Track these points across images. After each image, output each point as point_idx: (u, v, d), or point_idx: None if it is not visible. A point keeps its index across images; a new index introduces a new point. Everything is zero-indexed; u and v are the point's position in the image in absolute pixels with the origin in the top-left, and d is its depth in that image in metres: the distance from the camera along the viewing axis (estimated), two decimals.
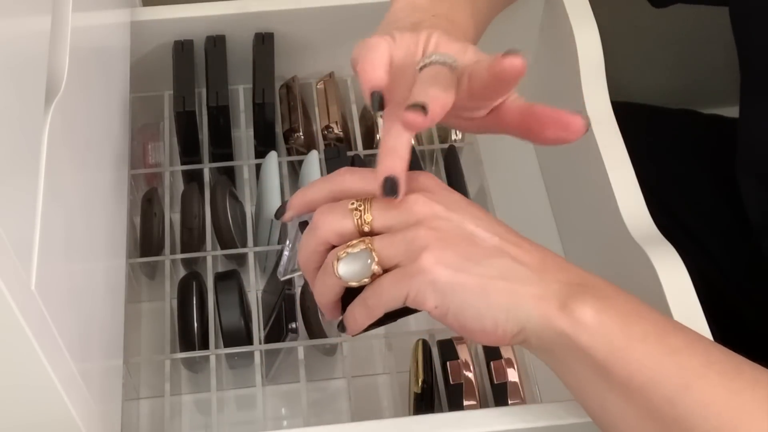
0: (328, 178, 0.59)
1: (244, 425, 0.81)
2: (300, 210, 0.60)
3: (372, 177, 0.57)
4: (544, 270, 0.55)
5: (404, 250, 0.55)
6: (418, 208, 0.56)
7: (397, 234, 0.55)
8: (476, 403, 0.73)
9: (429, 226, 0.55)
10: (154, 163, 0.89)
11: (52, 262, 0.50)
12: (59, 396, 0.49)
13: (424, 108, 0.53)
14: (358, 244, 0.55)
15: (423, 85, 0.55)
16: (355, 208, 0.56)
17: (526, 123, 0.57)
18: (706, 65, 1.39)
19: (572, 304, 0.54)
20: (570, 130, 0.56)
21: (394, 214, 0.56)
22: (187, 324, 0.78)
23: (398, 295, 0.55)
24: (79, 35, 0.60)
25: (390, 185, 0.55)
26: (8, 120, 0.45)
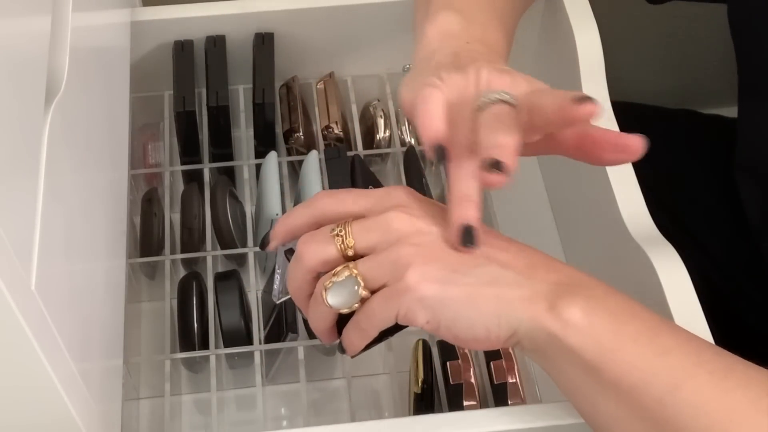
0: (308, 204, 0.59)
1: (244, 425, 0.81)
2: (283, 238, 0.60)
3: (351, 198, 0.58)
4: (533, 272, 0.55)
5: (389, 270, 0.55)
6: (398, 225, 0.55)
7: (380, 254, 0.55)
8: (476, 404, 0.73)
9: (411, 242, 0.55)
10: (154, 163, 0.89)
11: (52, 262, 0.50)
12: (59, 396, 0.49)
13: (498, 165, 0.53)
14: (342, 272, 0.55)
15: (489, 131, 0.55)
16: (336, 234, 0.56)
17: (583, 146, 0.57)
18: (706, 65, 1.39)
19: (561, 305, 0.54)
20: (629, 152, 0.56)
21: (375, 235, 0.56)
22: (187, 324, 0.78)
23: (389, 315, 0.55)
24: (79, 35, 0.60)
25: (467, 235, 0.55)
26: (8, 120, 0.45)
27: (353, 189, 0.59)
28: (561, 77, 0.84)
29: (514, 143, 0.54)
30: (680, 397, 0.52)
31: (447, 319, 0.54)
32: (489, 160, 0.53)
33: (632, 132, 0.76)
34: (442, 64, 0.61)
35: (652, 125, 1.02)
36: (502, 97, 0.57)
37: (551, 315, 0.53)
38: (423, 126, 0.57)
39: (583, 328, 0.53)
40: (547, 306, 0.54)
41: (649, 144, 0.58)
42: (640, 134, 0.56)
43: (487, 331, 0.54)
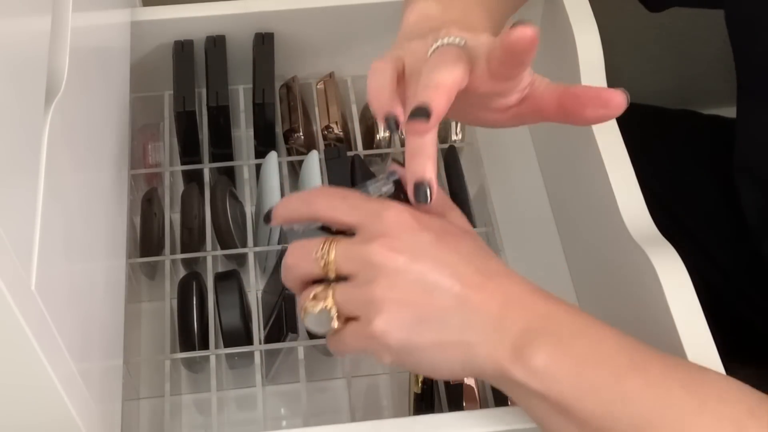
0: (305, 199, 0.60)
1: (244, 425, 0.81)
2: (281, 222, 0.62)
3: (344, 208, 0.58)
4: (505, 314, 0.56)
5: (361, 309, 0.56)
6: (378, 260, 0.56)
7: (357, 289, 0.56)
8: (476, 404, 0.73)
9: (387, 283, 0.55)
10: (154, 163, 0.89)
11: (52, 262, 0.50)
12: (59, 396, 0.49)
13: (425, 109, 0.53)
14: (318, 305, 0.57)
15: (427, 74, 0.55)
16: (320, 257, 0.57)
17: (564, 105, 0.57)
18: (706, 65, 1.39)
19: (526, 353, 0.54)
20: (611, 107, 0.56)
21: (355, 265, 0.56)
22: (187, 324, 0.78)
23: (357, 350, 0.58)
24: (79, 35, 0.60)
25: (422, 193, 0.56)
26: (8, 120, 0.45)
27: (349, 195, 0.59)
28: (561, 77, 0.84)
29: (449, 81, 0.55)
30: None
31: (411, 362, 0.57)
32: (414, 108, 0.54)
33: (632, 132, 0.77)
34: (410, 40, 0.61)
35: (652, 125, 1.02)
36: (450, 41, 0.57)
37: (516, 364, 0.55)
38: (371, 100, 0.58)
39: (546, 376, 0.54)
40: (512, 354, 0.55)
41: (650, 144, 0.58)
42: (621, 89, 0.56)
43: (450, 373, 0.57)
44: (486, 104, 0.60)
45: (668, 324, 0.64)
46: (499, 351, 0.55)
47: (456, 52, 0.57)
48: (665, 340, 0.64)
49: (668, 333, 0.64)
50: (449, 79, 0.55)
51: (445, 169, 0.87)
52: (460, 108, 0.62)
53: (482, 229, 0.82)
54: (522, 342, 0.55)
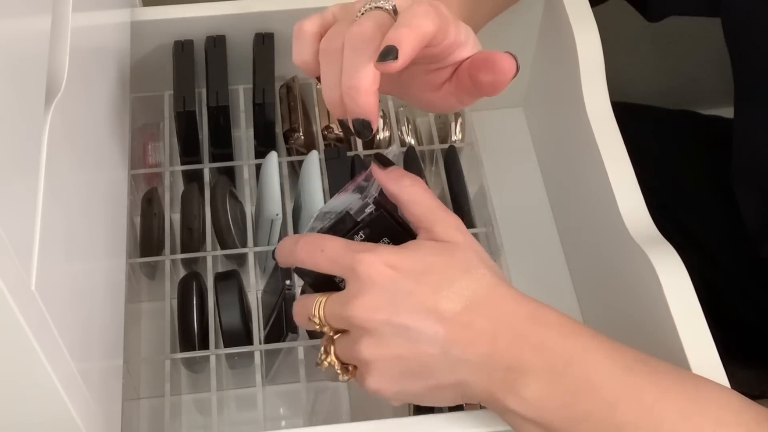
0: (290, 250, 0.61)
1: (244, 425, 0.81)
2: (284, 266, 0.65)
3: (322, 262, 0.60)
4: (494, 350, 0.56)
5: (357, 363, 0.59)
6: (359, 322, 0.57)
7: (349, 346, 0.59)
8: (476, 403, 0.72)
9: (371, 342, 0.57)
10: (154, 163, 0.89)
11: (52, 262, 0.50)
12: (59, 396, 0.49)
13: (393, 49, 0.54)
14: (323, 362, 0.60)
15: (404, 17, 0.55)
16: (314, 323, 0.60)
17: (469, 75, 0.59)
18: (706, 66, 1.39)
19: (518, 385, 0.56)
20: (497, 70, 0.57)
21: (343, 325, 0.59)
22: (187, 324, 0.78)
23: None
24: (79, 35, 0.60)
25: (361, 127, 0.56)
26: (8, 120, 0.45)
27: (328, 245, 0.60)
28: (561, 77, 0.85)
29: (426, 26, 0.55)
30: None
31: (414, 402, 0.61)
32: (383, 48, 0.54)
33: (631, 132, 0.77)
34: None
35: (651, 126, 1.02)
36: (378, 4, 0.58)
37: (509, 395, 0.56)
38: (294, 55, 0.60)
39: (538, 407, 0.56)
40: (504, 388, 0.56)
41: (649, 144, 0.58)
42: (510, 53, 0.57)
43: (453, 403, 0.60)
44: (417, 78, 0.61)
45: (668, 324, 0.64)
46: (492, 385, 0.57)
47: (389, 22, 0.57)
48: (665, 340, 0.64)
49: (668, 333, 0.64)
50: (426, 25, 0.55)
51: (445, 169, 0.87)
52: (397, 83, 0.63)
53: (482, 230, 0.82)
54: (514, 376, 0.56)
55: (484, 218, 0.84)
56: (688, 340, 0.62)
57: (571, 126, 0.83)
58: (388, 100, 0.91)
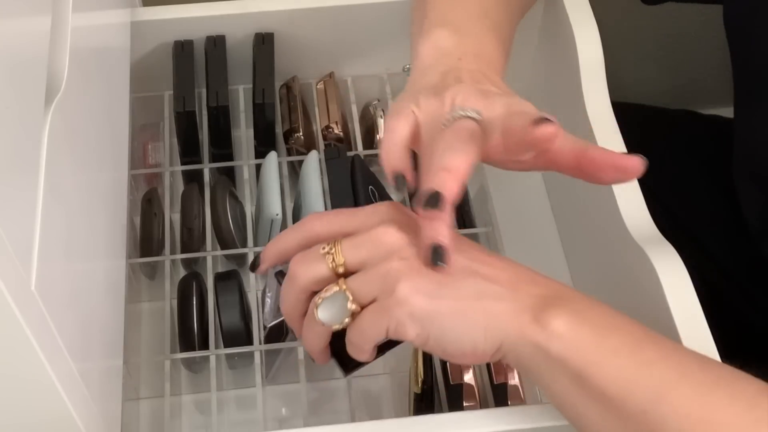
0: (297, 227, 0.60)
1: (244, 425, 0.81)
2: (273, 261, 0.61)
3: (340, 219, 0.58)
4: (517, 285, 0.56)
5: (379, 284, 0.55)
6: (387, 239, 0.56)
7: (371, 270, 0.56)
8: (476, 404, 0.73)
9: (400, 256, 0.55)
10: (154, 163, 0.89)
11: (52, 262, 0.50)
12: (59, 396, 0.49)
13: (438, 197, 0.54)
14: (332, 287, 0.56)
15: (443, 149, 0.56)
16: (326, 252, 0.57)
17: (581, 166, 0.58)
18: (706, 65, 1.39)
19: (545, 317, 0.54)
20: (629, 173, 0.56)
21: (364, 251, 0.56)
22: (187, 324, 0.78)
23: (379, 330, 0.56)
24: (79, 35, 0.60)
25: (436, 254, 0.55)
26: (8, 120, 0.45)
27: (342, 210, 0.60)
28: (561, 77, 0.85)
29: (463, 166, 0.55)
30: (663, 409, 0.52)
31: (435, 332, 0.55)
32: (426, 196, 0.54)
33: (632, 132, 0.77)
34: (426, 86, 0.62)
35: (651, 125, 1.02)
36: (467, 114, 0.58)
37: (536, 327, 0.54)
38: (382, 156, 0.60)
39: (567, 339, 0.54)
40: (531, 318, 0.55)
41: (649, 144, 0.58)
42: (639, 155, 0.56)
43: (473, 345, 0.55)
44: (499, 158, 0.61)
45: (668, 324, 0.64)
46: (520, 315, 0.55)
47: (471, 129, 0.57)
48: None
49: (668, 333, 0.64)
50: (463, 164, 0.55)
51: None
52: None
53: (482, 229, 0.82)
54: (540, 308, 0.55)
55: (484, 218, 0.84)
56: (688, 340, 0.62)
57: (571, 126, 0.82)
58: (388, 100, 0.92)
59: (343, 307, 0.56)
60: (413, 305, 0.55)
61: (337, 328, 0.57)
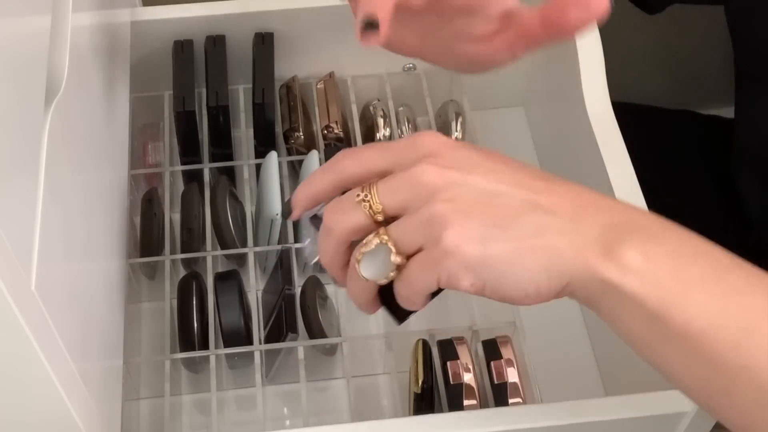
0: (328, 168, 0.55)
1: (244, 425, 0.81)
2: (306, 206, 0.56)
3: (374, 155, 0.53)
4: (582, 214, 0.50)
5: (423, 232, 0.50)
6: (428, 178, 0.50)
7: (413, 216, 0.51)
8: (476, 403, 0.73)
9: (444, 197, 0.50)
10: (154, 163, 0.89)
11: (52, 262, 0.50)
12: (59, 396, 0.49)
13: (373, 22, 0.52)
14: (372, 240, 0.52)
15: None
16: (362, 199, 0.52)
17: (547, 16, 0.55)
18: (705, 66, 1.39)
19: (617, 249, 0.49)
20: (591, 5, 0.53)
21: (403, 195, 0.51)
22: (187, 324, 0.78)
23: (429, 282, 0.51)
24: (79, 35, 0.60)
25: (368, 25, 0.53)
26: (8, 120, 0.45)
27: (375, 144, 0.56)
28: (561, 77, 0.85)
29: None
30: (756, 340, 0.47)
31: (492, 279, 0.50)
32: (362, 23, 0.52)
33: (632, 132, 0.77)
34: None
35: (651, 126, 1.02)
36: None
37: (607, 262, 0.49)
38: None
39: (643, 273, 0.48)
40: (601, 252, 0.49)
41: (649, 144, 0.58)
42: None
43: (536, 286, 0.50)
44: (464, 31, 0.58)
45: None
46: (587, 249, 0.49)
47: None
48: None
49: None
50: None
51: None
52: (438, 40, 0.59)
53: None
54: (610, 238, 0.49)
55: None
56: None
57: (571, 126, 0.83)
58: (388, 100, 0.92)
59: (387, 261, 0.51)
60: (464, 254, 0.49)
61: (383, 282, 0.53)
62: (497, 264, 0.50)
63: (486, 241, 0.49)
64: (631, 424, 0.63)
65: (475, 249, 0.49)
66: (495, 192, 0.51)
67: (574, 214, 0.50)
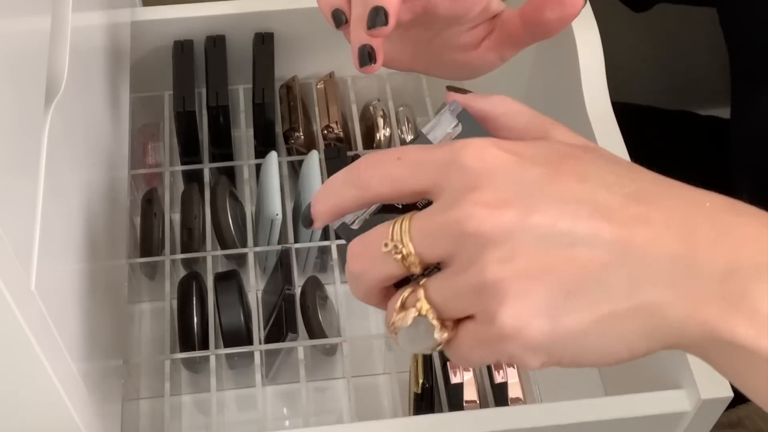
0: (350, 179, 0.45)
1: (244, 425, 0.81)
2: (327, 219, 0.47)
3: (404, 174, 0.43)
4: (695, 250, 0.39)
5: (473, 301, 0.40)
6: (474, 227, 0.39)
7: (458, 277, 0.40)
8: (476, 403, 0.73)
9: (498, 257, 0.39)
10: (154, 163, 0.89)
11: (52, 262, 0.50)
12: (59, 396, 0.49)
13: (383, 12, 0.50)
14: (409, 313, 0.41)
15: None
16: (392, 249, 0.42)
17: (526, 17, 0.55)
18: (704, 67, 1.39)
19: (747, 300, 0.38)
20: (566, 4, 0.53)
21: (444, 244, 0.40)
22: (187, 324, 0.78)
23: (486, 361, 0.42)
24: (79, 35, 0.60)
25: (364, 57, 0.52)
26: (8, 120, 0.45)
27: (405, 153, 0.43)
28: (561, 77, 0.85)
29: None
30: None
31: (570, 355, 0.40)
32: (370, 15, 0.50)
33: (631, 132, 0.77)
34: None
35: (650, 126, 1.03)
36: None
37: (735, 319, 0.38)
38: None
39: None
40: (725, 307, 0.38)
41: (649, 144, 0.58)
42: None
43: (630, 351, 0.41)
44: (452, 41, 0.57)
45: None
46: (704, 303, 0.38)
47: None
48: None
49: None
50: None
51: None
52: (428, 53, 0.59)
53: None
54: (737, 285, 0.38)
55: None
56: None
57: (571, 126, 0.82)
58: (388, 100, 0.92)
59: (430, 335, 0.42)
60: (528, 337, 0.39)
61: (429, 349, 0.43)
62: (576, 340, 0.40)
63: (557, 314, 0.39)
64: (631, 424, 0.63)
65: (543, 328, 0.39)
66: (568, 237, 0.39)
67: (683, 250, 0.39)
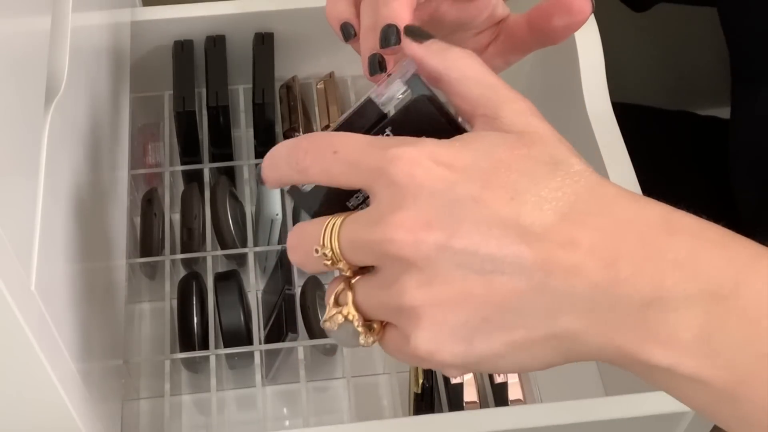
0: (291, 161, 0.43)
1: (244, 425, 0.81)
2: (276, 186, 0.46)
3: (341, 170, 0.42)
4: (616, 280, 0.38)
5: (394, 316, 0.41)
6: (399, 248, 0.39)
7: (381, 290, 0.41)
8: (476, 403, 0.73)
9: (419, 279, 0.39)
10: (154, 163, 0.89)
11: (52, 262, 0.50)
12: (59, 396, 0.49)
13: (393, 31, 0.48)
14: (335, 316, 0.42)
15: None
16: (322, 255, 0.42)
17: (533, 23, 0.54)
18: (704, 67, 1.39)
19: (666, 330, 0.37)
20: (574, 11, 0.51)
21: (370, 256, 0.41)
22: (187, 324, 0.78)
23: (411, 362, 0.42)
24: (79, 35, 0.60)
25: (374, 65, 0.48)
26: (8, 120, 0.45)
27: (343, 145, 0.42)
28: (561, 77, 0.85)
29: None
30: None
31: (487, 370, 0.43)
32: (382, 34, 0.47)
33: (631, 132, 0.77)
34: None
35: (650, 126, 1.03)
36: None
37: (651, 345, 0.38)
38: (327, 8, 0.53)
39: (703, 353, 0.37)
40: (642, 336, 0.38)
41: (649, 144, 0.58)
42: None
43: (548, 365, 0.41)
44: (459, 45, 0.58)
45: None
46: (619, 333, 0.38)
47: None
48: None
49: None
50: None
51: None
52: None
53: None
54: (656, 314, 0.37)
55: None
56: None
57: (571, 126, 0.83)
58: None
59: (356, 337, 0.42)
60: (441, 361, 0.40)
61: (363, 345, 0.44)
62: (489, 360, 0.40)
63: (471, 340, 0.39)
64: (631, 424, 0.63)
65: (455, 352, 0.40)
66: (489, 264, 0.39)
67: (604, 279, 0.38)
